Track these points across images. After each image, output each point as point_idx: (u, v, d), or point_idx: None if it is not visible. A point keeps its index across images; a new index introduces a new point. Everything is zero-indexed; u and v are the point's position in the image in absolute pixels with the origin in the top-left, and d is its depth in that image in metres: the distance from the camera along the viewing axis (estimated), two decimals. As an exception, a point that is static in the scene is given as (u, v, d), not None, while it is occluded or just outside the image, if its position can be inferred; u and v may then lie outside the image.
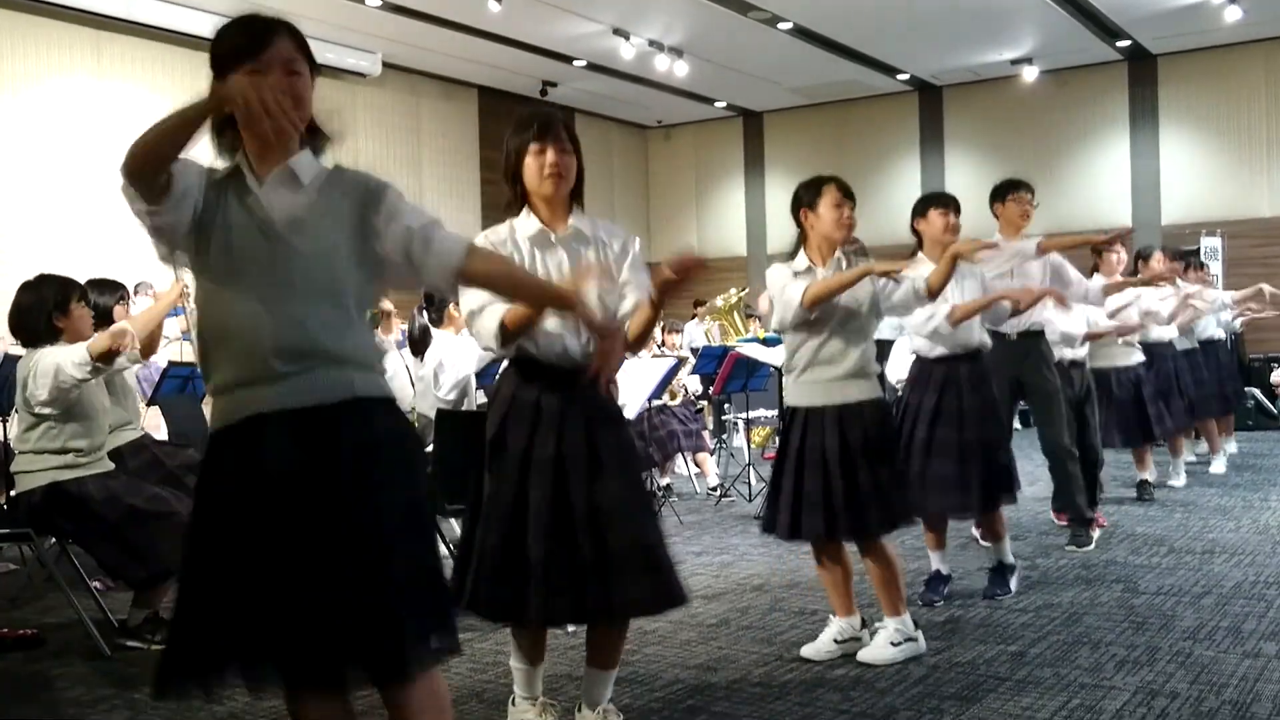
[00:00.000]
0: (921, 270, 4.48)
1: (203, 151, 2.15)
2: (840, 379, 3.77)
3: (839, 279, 3.70)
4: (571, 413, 2.94)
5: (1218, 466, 8.43)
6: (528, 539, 2.87)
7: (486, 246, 2.91)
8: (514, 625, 3.09)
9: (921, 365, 4.66)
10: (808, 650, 3.90)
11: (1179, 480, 7.69)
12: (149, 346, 5.00)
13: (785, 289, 3.78)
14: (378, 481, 2.14)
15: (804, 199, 3.84)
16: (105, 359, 4.13)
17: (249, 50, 2.14)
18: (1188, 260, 8.83)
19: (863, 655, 3.82)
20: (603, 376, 2.70)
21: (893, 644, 3.81)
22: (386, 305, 7.03)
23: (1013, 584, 4.71)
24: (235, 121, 2.15)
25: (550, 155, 2.98)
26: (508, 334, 2.85)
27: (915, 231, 4.65)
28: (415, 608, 2.14)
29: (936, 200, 4.63)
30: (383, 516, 2.13)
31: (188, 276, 4.86)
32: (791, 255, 3.87)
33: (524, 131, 3.00)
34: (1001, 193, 5.54)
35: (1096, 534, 5.78)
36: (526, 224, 3.02)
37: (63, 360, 4.12)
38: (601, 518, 2.88)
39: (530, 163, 2.99)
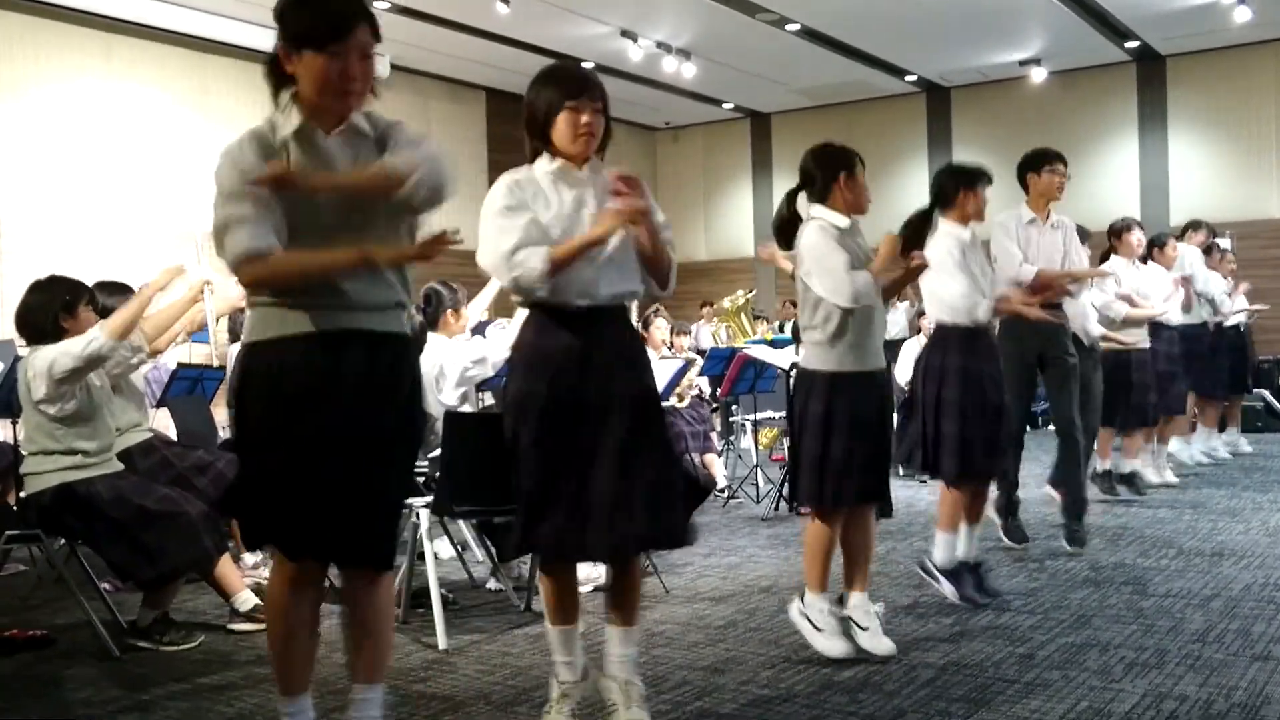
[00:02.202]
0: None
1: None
2: (879, 344, 3.89)
3: (886, 271, 3.80)
4: (596, 357, 2.90)
5: (1225, 450, 8.27)
6: (570, 480, 2.86)
7: (510, 185, 2.97)
8: (564, 561, 3.05)
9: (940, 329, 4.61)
10: (833, 651, 3.82)
11: (1155, 475, 7.59)
12: (160, 344, 5.02)
13: (837, 265, 3.72)
14: (392, 404, 2.57)
15: (843, 165, 3.89)
16: (120, 335, 4.15)
17: (333, 36, 2.37)
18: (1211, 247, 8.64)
19: (871, 648, 3.83)
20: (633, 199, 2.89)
21: (884, 631, 3.89)
22: None
23: (968, 588, 4.48)
24: (295, 80, 2.43)
25: (585, 116, 2.97)
26: (555, 271, 2.87)
27: (956, 203, 4.61)
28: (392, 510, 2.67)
29: (987, 179, 4.67)
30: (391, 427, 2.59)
31: (210, 274, 4.90)
32: (820, 199, 3.88)
33: (559, 87, 2.97)
34: (1035, 163, 5.42)
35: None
36: (546, 164, 3.02)
37: (65, 347, 4.12)
38: (625, 458, 2.86)
39: (563, 121, 2.96)
